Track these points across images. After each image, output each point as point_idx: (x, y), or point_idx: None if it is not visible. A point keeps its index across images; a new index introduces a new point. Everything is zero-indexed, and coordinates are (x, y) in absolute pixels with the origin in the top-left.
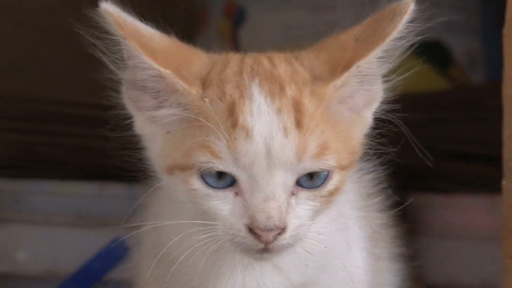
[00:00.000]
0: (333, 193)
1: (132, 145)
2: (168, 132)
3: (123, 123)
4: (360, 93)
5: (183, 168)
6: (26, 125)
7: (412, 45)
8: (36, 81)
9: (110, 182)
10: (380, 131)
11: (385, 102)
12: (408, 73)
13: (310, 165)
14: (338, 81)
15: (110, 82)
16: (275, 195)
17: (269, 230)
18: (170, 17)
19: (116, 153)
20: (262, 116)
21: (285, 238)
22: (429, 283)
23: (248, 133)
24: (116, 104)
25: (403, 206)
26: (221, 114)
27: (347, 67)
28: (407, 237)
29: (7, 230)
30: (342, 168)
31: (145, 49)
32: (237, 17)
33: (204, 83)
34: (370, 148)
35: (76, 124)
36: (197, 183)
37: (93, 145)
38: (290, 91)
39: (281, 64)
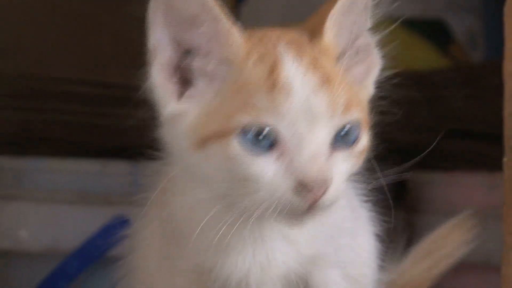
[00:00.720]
0: (361, 153)
1: (139, 123)
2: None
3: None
4: (357, 65)
5: (222, 135)
6: (28, 103)
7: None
8: (37, 59)
9: (112, 159)
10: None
11: (385, 70)
12: (402, 48)
13: (343, 120)
14: (326, 33)
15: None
16: (319, 151)
17: (319, 186)
18: None
19: (119, 131)
20: (296, 75)
21: (329, 196)
22: None
23: (288, 92)
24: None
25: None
26: (262, 74)
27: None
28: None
29: (9, 207)
30: (365, 126)
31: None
32: None
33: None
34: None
35: (77, 101)
36: (238, 148)
37: (95, 122)
38: (309, 51)
39: (292, 31)
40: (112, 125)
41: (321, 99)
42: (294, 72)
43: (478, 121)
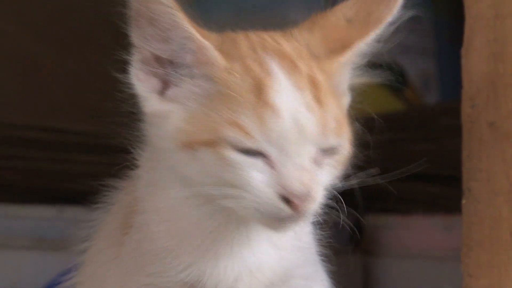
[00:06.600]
0: (343, 161)
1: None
2: (186, 111)
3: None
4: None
5: (211, 143)
6: None
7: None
8: None
9: (69, 205)
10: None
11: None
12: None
13: (333, 142)
14: (343, 58)
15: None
16: (305, 166)
17: (303, 199)
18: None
19: (75, 176)
20: (286, 93)
21: (314, 206)
22: None
23: (276, 110)
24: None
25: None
26: (248, 90)
27: (349, 46)
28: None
29: None
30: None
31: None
32: None
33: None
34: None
35: (31, 147)
36: (229, 157)
37: (49, 168)
38: (303, 67)
39: (283, 41)
40: (67, 170)
41: (310, 120)
42: (284, 91)
43: (432, 163)
